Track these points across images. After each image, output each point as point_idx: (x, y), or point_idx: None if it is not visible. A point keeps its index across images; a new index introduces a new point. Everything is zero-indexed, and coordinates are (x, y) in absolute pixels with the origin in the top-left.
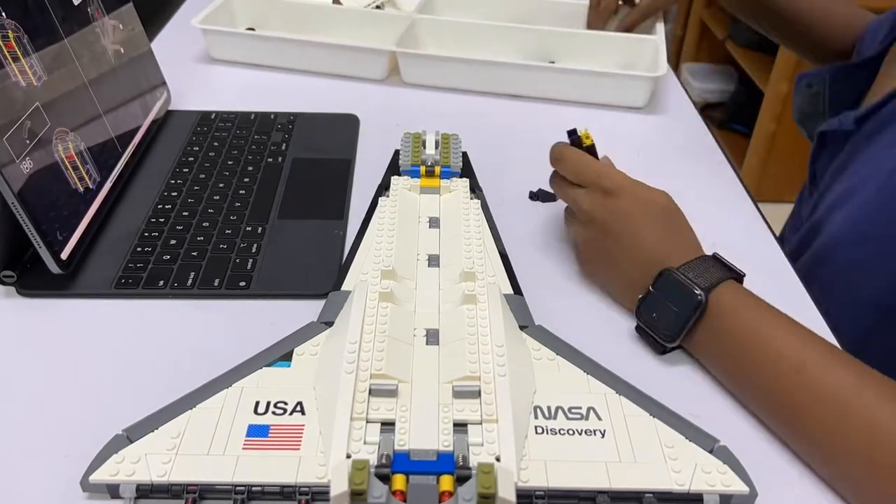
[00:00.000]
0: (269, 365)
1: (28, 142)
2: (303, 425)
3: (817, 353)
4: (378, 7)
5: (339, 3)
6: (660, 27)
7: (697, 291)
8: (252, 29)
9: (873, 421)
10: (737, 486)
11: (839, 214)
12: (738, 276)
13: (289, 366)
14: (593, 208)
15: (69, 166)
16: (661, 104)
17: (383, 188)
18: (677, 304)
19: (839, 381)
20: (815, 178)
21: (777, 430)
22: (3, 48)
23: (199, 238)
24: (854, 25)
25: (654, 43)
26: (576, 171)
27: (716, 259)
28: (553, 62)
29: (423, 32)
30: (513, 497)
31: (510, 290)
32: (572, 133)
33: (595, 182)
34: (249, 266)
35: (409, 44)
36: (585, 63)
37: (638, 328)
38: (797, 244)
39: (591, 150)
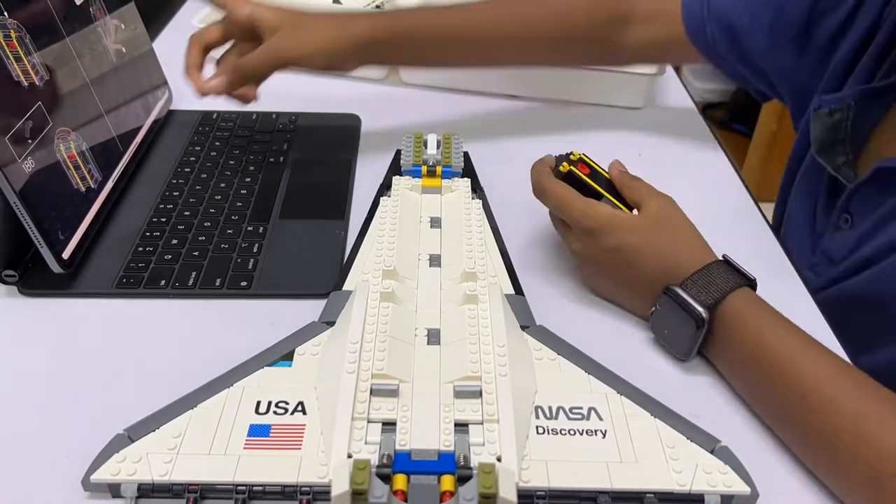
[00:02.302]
0: (270, 365)
1: (30, 141)
2: (304, 425)
3: (825, 367)
4: (377, 7)
5: (339, 2)
6: None
7: (700, 310)
8: None
9: (880, 438)
10: (738, 487)
11: None
12: (750, 282)
13: (290, 365)
14: (584, 250)
15: (71, 166)
16: (662, 104)
17: (385, 188)
18: (683, 323)
19: (846, 396)
20: (848, 211)
21: (784, 437)
22: (6, 48)
23: (200, 238)
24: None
25: None
26: (559, 211)
27: (725, 265)
28: None
29: None
30: (514, 497)
31: (511, 290)
32: (559, 162)
33: (578, 224)
34: (251, 266)
35: None
36: None
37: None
38: (829, 282)
39: (593, 171)
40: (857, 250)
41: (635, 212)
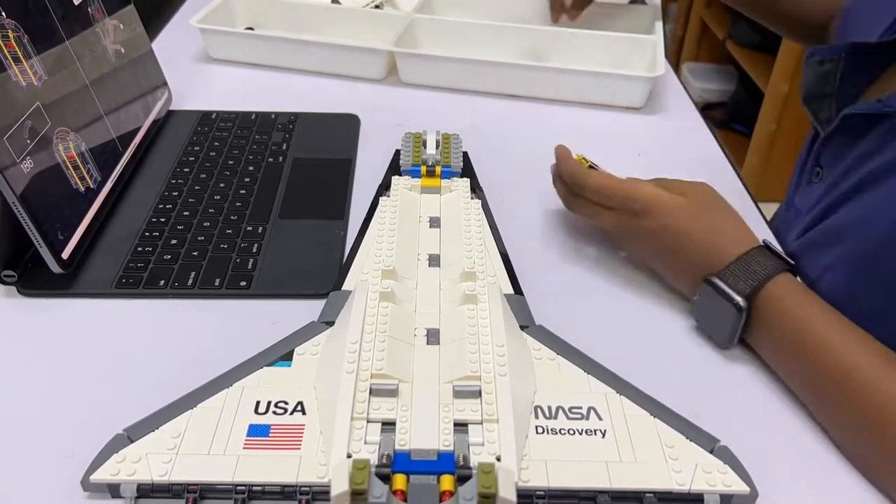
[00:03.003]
0: (269, 365)
1: (29, 142)
2: (303, 425)
3: (866, 354)
4: (377, 7)
5: (339, 2)
6: (658, 27)
7: (738, 300)
8: (251, 28)
9: None
10: (737, 486)
11: (857, 201)
12: (791, 267)
13: (289, 365)
14: (625, 230)
15: (70, 166)
16: (661, 104)
17: (384, 188)
18: (723, 312)
19: (886, 384)
20: (819, 164)
21: (827, 423)
22: (4, 49)
23: (199, 238)
24: None
25: (652, 42)
26: (601, 194)
27: (765, 250)
28: (553, 62)
29: (421, 32)
30: (513, 497)
31: (511, 290)
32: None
33: (623, 205)
34: (250, 266)
35: (407, 44)
36: (586, 63)
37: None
38: (796, 236)
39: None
40: (822, 200)
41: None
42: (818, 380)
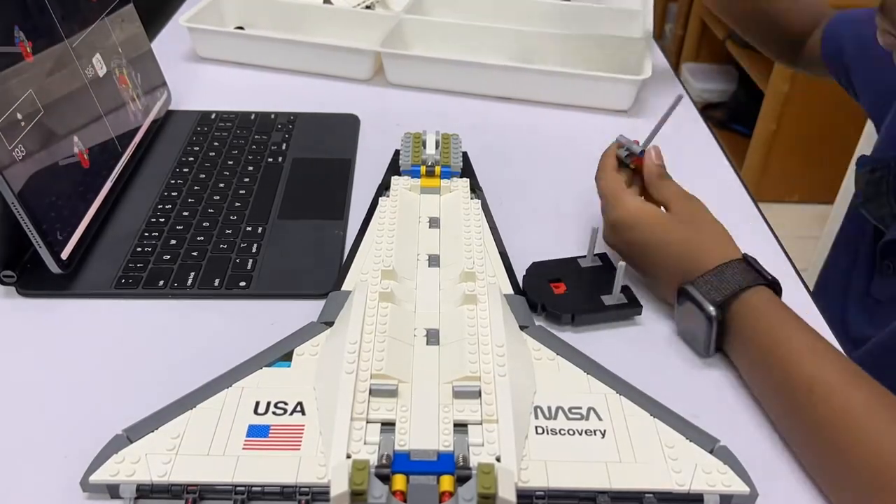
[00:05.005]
0: (269, 365)
1: (28, 142)
2: (303, 425)
3: (832, 369)
4: (368, 7)
5: (330, 2)
6: (648, 29)
7: (709, 308)
8: (241, 28)
9: (883, 444)
10: (737, 487)
11: None
12: (768, 281)
13: (289, 366)
14: (611, 238)
15: (70, 166)
16: (660, 104)
17: (383, 188)
18: (697, 321)
19: (850, 400)
20: (887, 258)
21: (786, 436)
22: (4, 49)
23: (199, 238)
24: (815, 13)
25: (641, 45)
26: (601, 198)
27: (743, 263)
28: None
29: (410, 33)
30: (513, 497)
31: (510, 290)
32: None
33: (606, 215)
34: (249, 266)
35: (396, 44)
36: (578, 66)
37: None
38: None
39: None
40: None
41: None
42: (783, 389)
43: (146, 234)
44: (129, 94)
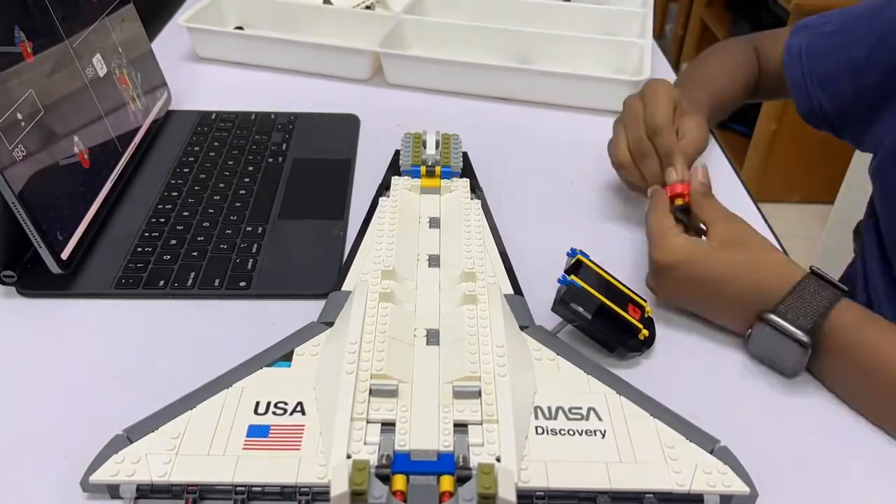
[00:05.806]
0: (269, 365)
1: (29, 142)
2: (303, 425)
3: None
4: (368, 7)
5: (330, 2)
6: (648, 31)
7: (801, 336)
8: (241, 28)
9: None
10: (737, 487)
11: None
12: (844, 291)
13: (289, 366)
14: (660, 281)
15: (70, 166)
16: None
17: (384, 188)
18: (784, 349)
19: None
20: None
21: None
22: (4, 49)
23: (199, 238)
24: (777, 59)
25: (640, 46)
26: (650, 233)
27: (815, 279)
28: (544, 65)
29: (409, 33)
30: (513, 497)
31: (510, 291)
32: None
33: (656, 251)
34: (250, 266)
35: (395, 44)
36: (578, 66)
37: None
38: None
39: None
40: None
41: (704, 238)
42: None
43: (146, 234)
44: (129, 94)
